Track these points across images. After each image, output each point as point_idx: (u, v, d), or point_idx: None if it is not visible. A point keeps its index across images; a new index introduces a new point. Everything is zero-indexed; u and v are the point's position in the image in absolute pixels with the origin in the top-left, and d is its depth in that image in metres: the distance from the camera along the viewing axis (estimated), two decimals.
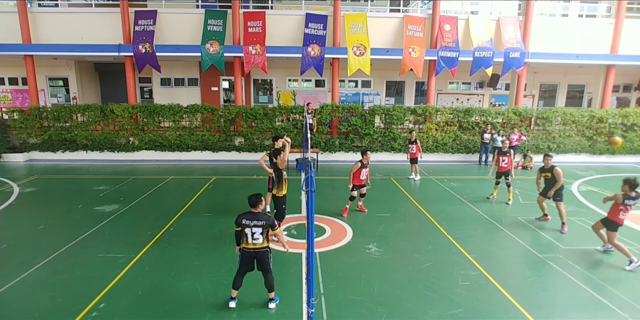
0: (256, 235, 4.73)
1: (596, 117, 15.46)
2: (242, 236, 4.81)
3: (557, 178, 7.64)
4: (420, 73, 15.06)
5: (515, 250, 6.81)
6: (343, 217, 8.34)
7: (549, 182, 7.87)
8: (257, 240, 4.75)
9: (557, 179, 7.64)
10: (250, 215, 4.77)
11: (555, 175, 7.67)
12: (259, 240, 4.76)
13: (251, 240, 4.75)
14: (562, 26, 15.82)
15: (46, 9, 14.95)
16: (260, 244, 4.79)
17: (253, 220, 4.73)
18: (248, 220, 4.74)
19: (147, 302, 5.05)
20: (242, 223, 4.74)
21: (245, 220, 4.74)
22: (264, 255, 4.83)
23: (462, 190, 10.63)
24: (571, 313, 4.93)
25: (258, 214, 4.78)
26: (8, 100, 17.61)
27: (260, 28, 14.48)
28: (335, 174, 12.75)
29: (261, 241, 4.77)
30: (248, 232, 4.73)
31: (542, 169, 7.95)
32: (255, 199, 4.80)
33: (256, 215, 4.76)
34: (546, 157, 7.83)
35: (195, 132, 14.87)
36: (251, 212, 4.79)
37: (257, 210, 4.80)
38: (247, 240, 4.77)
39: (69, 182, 11.25)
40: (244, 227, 4.75)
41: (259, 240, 4.76)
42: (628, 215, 8.09)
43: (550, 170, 7.76)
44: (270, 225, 4.75)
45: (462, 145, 15.30)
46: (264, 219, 4.74)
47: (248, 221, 4.73)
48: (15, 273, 5.72)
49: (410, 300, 5.14)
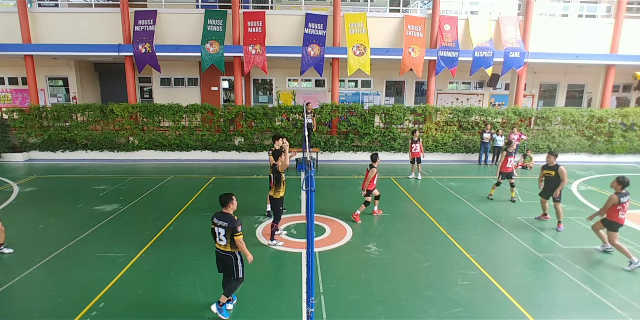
0: (221, 237, 4.62)
1: (596, 117, 15.46)
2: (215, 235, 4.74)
3: (562, 177, 7.53)
4: (420, 73, 15.06)
5: (515, 250, 6.81)
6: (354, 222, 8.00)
7: (551, 182, 7.80)
8: (221, 242, 4.64)
9: (562, 178, 7.54)
10: (219, 214, 4.70)
11: (559, 174, 7.57)
12: (223, 242, 4.63)
13: (218, 240, 4.67)
14: (562, 26, 15.83)
15: (46, 9, 14.96)
16: (224, 247, 4.65)
17: (220, 220, 4.63)
18: (217, 219, 4.67)
19: (147, 302, 5.05)
20: (212, 221, 4.70)
21: (215, 219, 4.68)
22: (226, 260, 4.69)
23: (462, 190, 10.63)
24: (571, 313, 4.93)
25: (226, 215, 4.66)
26: (8, 100, 17.61)
27: (260, 28, 14.49)
28: (335, 174, 12.76)
29: (225, 243, 4.62)
30: (216, 232, 4.67)
31: (546, 167, 7.89)
32: (225, 198, 4.69)
33: (223, 216, 4.65)
34: (550, 155, 7.75)
35: (195, 132, 14.87)
36: (222, 212, 4.71)
37: (227, 211, 4.68)
38: (216, 240, 4.70)
39: (69, 182, 11.25)
40: (214, 226, 4.69)
41: (223, 242, 4.63)
42: (629, 216, 8.09)
43: (554, 169, 7.65)
44: (232, 228, 4.54)
45: (462, 145, 15.31)
46: (228, 221, 4.58)
47: (217, 220, 4.67)
48: (15, 273, 5.72)
49: (410, 300, 5.14)
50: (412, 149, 11.78)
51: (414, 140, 11.72)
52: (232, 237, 4.57)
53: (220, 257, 4.73)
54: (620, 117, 15.49)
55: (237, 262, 4.70)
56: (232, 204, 4.72)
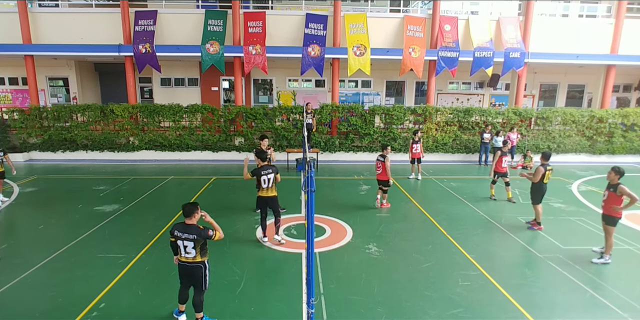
0: (188, 249, 4.37)
1: (596, 117, 15.45)
2: (177, 247, 4.47)
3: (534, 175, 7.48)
4: (420, 73, 15.06)
5: (515, 250, 6.81)
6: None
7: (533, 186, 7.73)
8: (189, 254, 4.39)
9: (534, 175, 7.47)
10: (182, 226, 4.42)
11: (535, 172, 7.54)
12: (190, 255, 4.39)
13: (184, 253, 4.41)
14: (562, 26, 15.82)
15: (46, 9, 14.95)
16: (192, 259, 4.40)
17: (184, 233, 4.36)
18: (180, 232, 4.38)
19: (147, 302, 5.05)
20: (174, 234, 4.41)
21: (177, 231, 4.40)
22: (194, 271, 4.44)
23: (462, 190, 10.63)
24: (571, 313, 4.93)
25: (190, 226, 4.40)
26: (8, 100, 17.61)
27: (260, 28, 14.48)
28: (335, 174, 12.75)
29: (193, 255, 4.38)
30: (180, 245, 4.39)
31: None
32: (190, 208, 4.44)
33: (187, 227, 4.39)
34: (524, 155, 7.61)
35: (195, 132, 14.87)
36: (184, 223, 4.44)
37: (191, 222, 4.42)
38: (181, 253, 4.43)
39: (69, 182, 11.25)
40: (176, 239, 4.41)
41: (191, 254, 4.38)
42: (629, 216, 8.11)
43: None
44: (204, 238, 4.36)
45: (462, 145, 15.30)
46: (195, 233, 4.34)
47: (179, 233, 4.38)
48: (15, 273, 5.72)
49: (410, 300, 5.14)
50: (412, 149, 11.75)
51: (415, 141, 11.69)
52: (203, 246, 4.42)
53: (188, 269, 4.46)
54: (620, 117, 15.49)
55: (206, 270, 4.48)
56: (197, 214, 4.47)
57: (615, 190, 6.10)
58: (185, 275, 4.53)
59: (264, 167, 6.83)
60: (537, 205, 7.65)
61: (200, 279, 4.47)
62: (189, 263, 4.44)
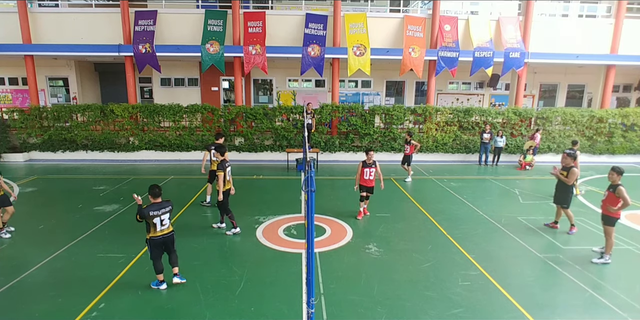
0: (165, 222, 5.18)
1: (596, 117, 15.46)
2: (149, 227, 5.13)
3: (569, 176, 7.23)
4: (420, 73, 15.06)
5: (515, 250, 6.81)
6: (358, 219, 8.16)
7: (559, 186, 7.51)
8: (164, 226, 5.20)
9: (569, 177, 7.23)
10: (155, 206, 5.14)
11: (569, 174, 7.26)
12: (165, 226, 5.21)
13: (160, 227, 5.14)
14: (562, 26, 15.82)
15: (46, 9, 14.94)
16: (168, 229, 5.27)
17: (160, 209, 5.15)
18: (155, 211, 5.10)
19: (147, 302, 5.05)
20: (150, 215, 5.04)
21: (153, 211, 5.08)
22: (169, 239, 5.30)
23: (462, 190, 10.62)
24: (571, 313, 4.93)
25: (161, 202, 5.22)
26: (8, 100, 17.61)
27: (260, 28, 14.48)
28: (335, 174, 12.75)
29: (168, 226, 5.25)
30: (157, 221, 5.10)
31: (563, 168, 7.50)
32: (158, 189, 5.24)
33: (161, 204, 5.19)
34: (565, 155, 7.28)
35: (195, 132, 14.87)
36: (154, 204, 5.16)
37: (158, 199, 5.21)
38: (156, 229, 5.13)
39: (69, 182, 11.25)
40: (152, 218, 5.06)
41: (165, 226, 5.21)
42: (629, 216, 8.12)
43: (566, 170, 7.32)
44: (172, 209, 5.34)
45: (462, 145, 15.30)
46: (169, 205, 5.30)
47: (156, 211, 5.10)
48: (16, 273, 5.72)
49: (410, 300, 5.14)
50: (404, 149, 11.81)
51: (407, 141, 11.66)
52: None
53: (165, 239, 5.24)
54: (620, 117, 15.49)
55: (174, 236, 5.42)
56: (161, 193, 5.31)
57: (614, 191, 6.11)
58: (159, 247, 5.25)
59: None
60: (568, 209, 7.48)
61: (173, 242, 5.40)
62: (166, 234, 5.25)
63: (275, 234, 7.33)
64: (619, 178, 6.15)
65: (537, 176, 12.74)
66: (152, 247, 5.21)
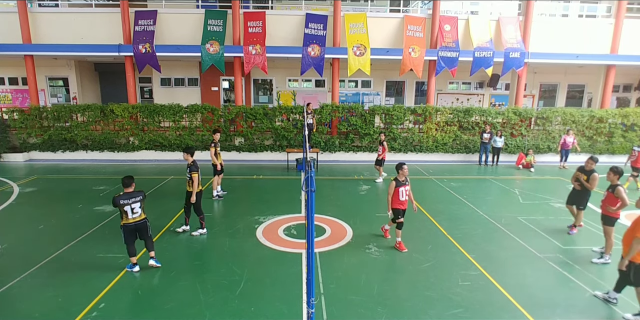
0: (136, 210, 5.59)
1: (596, 117, 15.45)
2: (121, 214, 5.56)
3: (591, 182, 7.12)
4: (420, 73, 15.06)
5: (515, 250, 6.81)
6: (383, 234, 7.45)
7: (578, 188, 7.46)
8: (136, 214, 5.61)
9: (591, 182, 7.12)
10: (126, 195, 5.56)
11: (590, 178, 7.15)
12: (137, 214, 5.62)
13: (131, 215, 5.57)
14: (562, 26, 15.82)
15: (46, 9, 14.94)
16: (139, 217, 5.66)
17: (131, 198, 5.56)
18: (125, 199, 5.53)
19: (147, 302, 5.05)
20: (120, 203, 5.48)
21: (123, 200, 5.52)
22: (142, 226, 5.72)
23: (462, 190, 10.62)
24: (571, 313, 4.93)
25: (133, 192, 5.63)
26: (8, 100, 17.60)
27: (260, 28, 14.48)
28: (335, 174, 12.75)
29: (139, 214, 5.65)
30: (128, 209, 5.53)
31: (581, 169, 7.43)
32: (129, 179, 5.65)
33: (131, 194, 5.61)
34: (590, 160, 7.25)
35: (195, 132, 14.87)
36: (126, 193, 5.58)
37: (130, 189, 5.62)
38: (127, 216, 5.56)
39: (69, 182, 11.24)
40: (122, 206, 5.48)
41: (137, 214, 5.62)
42: (629, 216, 8.11)
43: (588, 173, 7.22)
44: (144, 195, 5.76)
45: (462, 145, 15.30)
46: (140, 194, 5.68)
47: (126, 200, 5.53)
48: (15, 273, 5.72)
49: (410, 300, 5.14)
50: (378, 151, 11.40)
51: (380, 142, 11.32)
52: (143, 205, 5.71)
53: (137, 226, 5.67)
54: (620, 117, 15.49)
55: (148, 222, 5.83)
56: (134, 183, 5.70)
57: (613, 191, 6.11)
58: (132, 233, 5.68)
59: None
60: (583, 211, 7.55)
61: (147, 229, 5.80)
62: (138, 222, 5.67)
63: (275, 234, 7.33)
64: (616, 178, 6.14)
65: (537, 176, 12.74)
66: (125, 233, 5.62)
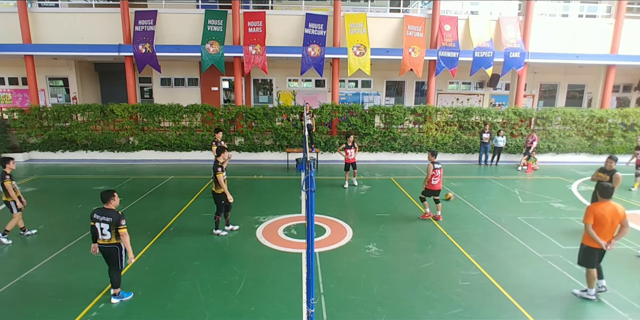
0: (104, 231, 4.84)
1: (596, 117, 15.45)
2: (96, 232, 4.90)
3: (615, 182, 7.00)
4: (420, 73, 15.05)
5: (515, 250, 6.81)
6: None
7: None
8: (105, 236, 4.86)
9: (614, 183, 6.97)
10: (101, 210, 4.89)
11: (613, 179, 7.10)
12: (106, 237, 4.86)
13: (101, 236, 4.88)
14: (562, 26, 15.82)
15: (46, 9, 14.94)
16: (108, 240, 4.88)
17: (102, 215, 4.85)
18: (98, 215, 4.87)
19: (147, 302, 5.05)
20: (93, 217, 4.88)
21: (96, 215, 4.87)
22: (110, 251, 4.93)
23: (462, 190, 10.62)
24: (571, 313, 4.93)
25: (108, 210, 4.89)
26: (8, 100, 17.61)
27: (260, 28, 14.48)
28: (335, 174, 12.74)
29: (109, 237, 4.86)
30: (98, 227, 4.86)
31: (602, 170, 7.44)
32: (106, 194, 4.92)
33: (105, 211, 4.87)
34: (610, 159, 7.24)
35: (195, 132, 14.87)
36: (103, 208, 4.91)
37: (109, 206, 4.91)
38: (99, 236, 4.90)
39: (69, 182, 11.24)
40: (95, 222, 4.87)
41: (106, 236, 4.86)
42: (629, 216, 8.13)
43: (610, 174, 7.20)
44: (116, 222, 4.82)
45: (462, 145, 15.30)
46: (112, 216, 4.83)
47: (98, 216, 4.86)
48: (16, 273, 5.72)
49: (410, 300, 5.14)
50: (347, 154, 10.49)
51: (349, 145, 10.53)
52: (117, 230, 4.84)
53: (104, 250, 4.94)
54: (620, 117, 15.49)
55: (121, 251, 4.97)
56: (114, 200, 4.94)
57: None
58: (103, 256, 4.99)
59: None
60: None
61: (116, 258, 4.97)
62: (105, 245, 4.91)
63: (275, 234, 7.33)
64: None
65: (537, 176, 12.74)
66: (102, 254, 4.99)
